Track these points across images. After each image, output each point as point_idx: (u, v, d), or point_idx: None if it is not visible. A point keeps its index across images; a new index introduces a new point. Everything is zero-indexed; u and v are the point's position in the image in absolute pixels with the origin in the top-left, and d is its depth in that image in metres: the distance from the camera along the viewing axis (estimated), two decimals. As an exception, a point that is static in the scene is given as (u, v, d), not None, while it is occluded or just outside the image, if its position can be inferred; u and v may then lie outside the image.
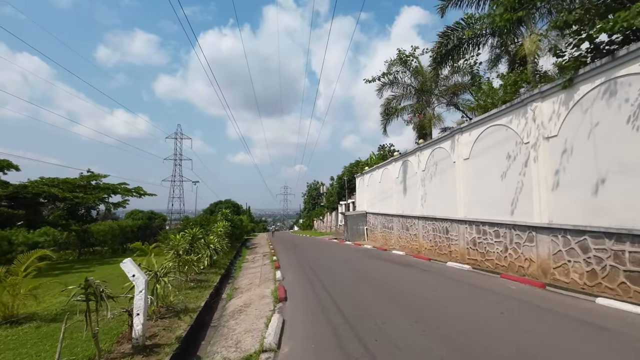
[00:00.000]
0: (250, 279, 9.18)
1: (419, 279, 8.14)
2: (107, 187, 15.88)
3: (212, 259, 11.69)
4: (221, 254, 14.09)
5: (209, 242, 11.81)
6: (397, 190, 18.73)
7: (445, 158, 12.95)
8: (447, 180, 12.77)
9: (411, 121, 17.42)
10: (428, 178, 14.62)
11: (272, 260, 12.56)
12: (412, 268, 10.02)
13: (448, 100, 14.87)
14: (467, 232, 11.25)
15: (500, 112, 9.53)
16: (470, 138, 11.22)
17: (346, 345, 4.10)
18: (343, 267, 10.50)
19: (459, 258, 11.69)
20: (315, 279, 8.30)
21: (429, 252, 14.13)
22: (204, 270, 10.97)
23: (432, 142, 14.11)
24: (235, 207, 62.09)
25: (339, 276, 8.76)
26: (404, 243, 17.21)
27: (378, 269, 10.19)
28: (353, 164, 39.98)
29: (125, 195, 17.18)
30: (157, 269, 5.98)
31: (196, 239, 10.41)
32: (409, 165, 17.09)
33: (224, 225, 17.80)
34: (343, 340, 4.25)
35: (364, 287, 7.18)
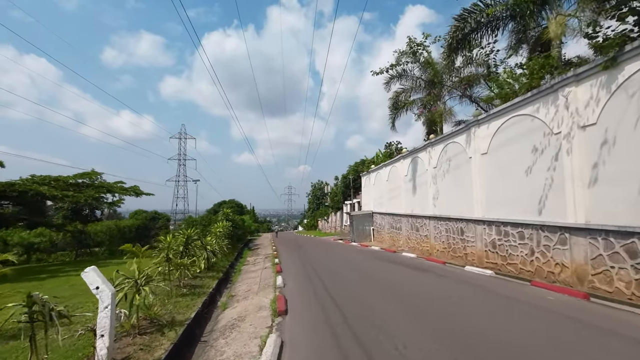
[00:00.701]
0: (248, 285, 8.36)
1: (440, 288, 7.14)
2: (101, 185, 15.25)
3: (209, 261, 10.92)
4: (220, 256, 13.32)
5: (206, 244, 11.03)
6: (405, 188, 17.82)
7: (460, 153, 12.02)
8: (462, 177, 11.84)
9: (422, 114, 16.48)
10: (440, 175, 13.69)
11: (274, 263, 11.76)
12: (428, 273, 9.10)
13: (462, 92, 13.92)
14: (485, 233, 10.32)
15: (525, 101, 8.60)
16: (488, 131, 10.29)
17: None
18: (350, 272, 9.63)
19: (475, 261, 10.76)
20: (321, 286, 7.45)
21: (441, 255, 13.21)
22: (200, 274, 10.19)
23: (445, 136, 13.18)
24: (239, 207, 61.58)
25: (346, 283, 7.87)
26: (414, 244, 16.29)
27: (390, 274, 9.29)
28: (358, 162, 39.07)
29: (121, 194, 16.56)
30: (139, 275, 5.18)
31: (191, 240, 9.63)
32: (418, 162, 16.16)
33: (224, 226, 17.04)
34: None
35: (377, 298, 6.25)
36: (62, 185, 13.53)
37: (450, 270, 9.61)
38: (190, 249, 9.40)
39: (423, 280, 8.11)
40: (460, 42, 10.56)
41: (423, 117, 18.12)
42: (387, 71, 14.77)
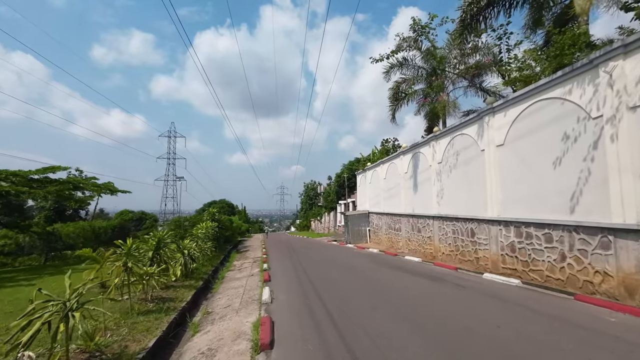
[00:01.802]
0: (229, 298, 6.99)
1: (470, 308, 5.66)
2: (68, 181, 13.60)
3: (187, 267, 9.49)
4: (202, 261, 11.89)
5: (184, 247, 9.60)
6: (405, 186, 16.62)
7: (470, 146, 10.84)
8: (473, 173, 10.66)
9: (424, 106, 15.33)
10: (446, 171, 12.51)
11: (262, 269, 10.38)
12: (443, 284, 7.77)
13: (469, 81, 12.78)
14: (501, 234, 9.14)
15: (553, 82, 7.42)
16: (505, 119, 9.11)
17: None
18: (352, 282, 8.27)
19: (489, 267, 9.58)
20: (317, 303, 6.09)
21: (447, 258, 12.01)
22: (175, 283, 8.78)
23: (452, 128, 12.00)
24: (230, 206, 59.84)
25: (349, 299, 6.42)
26: (415, 247, 15.09)
27: (399, 285, 7.96)
28: (353, 161, 37.89)
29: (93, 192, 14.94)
30: (69, 296, 3.79)
31: (163, 244, 8.21)
32: (420, 157, 14.97)
33: (209, 226, 15.59)
34: None
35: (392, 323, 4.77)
36: (22, 181, 11.95)
37: (466, 279, 8.31)
38: (162, 255, 7.98)
39: (442, 294, 6.75)
40: (475, 17, 9.37)
41: (424, 110, 16.98)
42: (387, 58, 13.54)
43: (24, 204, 45.93)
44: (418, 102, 16.51)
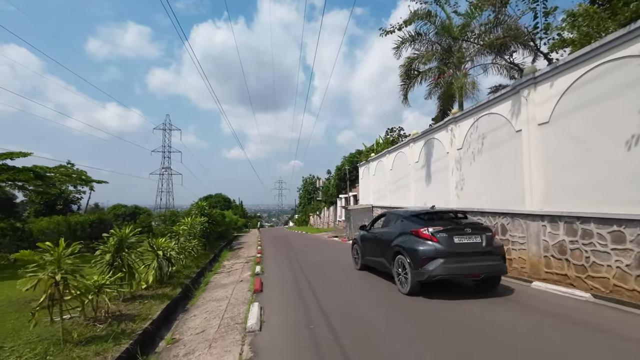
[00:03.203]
0: (207, 318, 5.31)
1: (535, 336, 3.88)
2: (28, 169, 11.80)
3: (162, 272, 7.83)
4: (185, 261, 10.22)
5: (159, 247, 7.93)
6: (416, 177, 14.98)
7: (501, 127, 9.17)
8: (504, 158, 9.01)
9: (437, 85, 13.63)
10: (468, 158, 10.84)
11: (254, 273, 8.69)
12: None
13: (496, 53, 11.04)
14: (544, 232, 7.50)
15: (629, 36, 5.73)
16: (552, 91, 7.42)
17: None
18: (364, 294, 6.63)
19: (527, 271, 7.96)
20: (324, 326, 4.41)
21: (469, 259, 10.40)
22: (145, 292, 7.13)
23: (476, 107, 10.30)
24: (226, 201, 58.07)
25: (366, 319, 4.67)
26: (428, 244, 13.48)
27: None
28: (354, 153, 36.15)
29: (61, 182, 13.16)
30: None
31: (128, 244, 6.52)
32: (435, 144, 13.30)
33: (196, 222, 13.91)
34: None
35: None
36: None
37: (511, 289, 6.54)
38: (125, 258, 6.29)
39: (490, 313, 4.99)
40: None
41: (436, 93, 15.26)
42: (399, 29, 11.76)
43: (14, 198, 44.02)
44: (431, 82, 14.78)
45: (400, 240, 6.59)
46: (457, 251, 5.89)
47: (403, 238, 6.56)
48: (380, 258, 7.49)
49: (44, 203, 42.98)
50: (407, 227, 6.61)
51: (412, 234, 6.32)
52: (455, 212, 7.21)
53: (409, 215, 7.05)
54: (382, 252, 7.39)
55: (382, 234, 7.67)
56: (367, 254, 8.45)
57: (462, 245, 5.95)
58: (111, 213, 38.38)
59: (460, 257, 5.88)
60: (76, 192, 44.53)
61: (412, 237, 6.29)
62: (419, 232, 6.19)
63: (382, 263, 7.36)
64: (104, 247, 6.37)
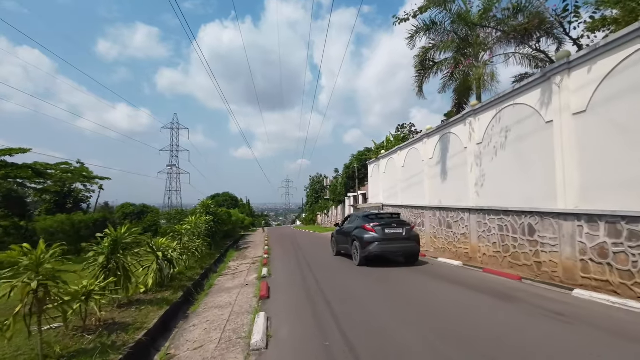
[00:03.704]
0: (207, 329, 4.73)
1: None
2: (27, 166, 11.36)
3: (163, 274, 7.32)
4: (189, 262, 9.73)
5: (159, 248, 7.43)
6: (430, 174, 14.24)
7: (528, 118, 8.42)
8: (532, 152, 8.28)
9: (452, 79, 12.89)
10: (489, 153, 10.11)
11: (261, 276, 8.11)
12: (519, 305, 5.26)
13: (519, 40, 10.25)
14: (581, 233, 6.77)
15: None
16: (590, 76, 6.67)
17: None
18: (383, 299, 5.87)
19: (559, 275, 7.23)
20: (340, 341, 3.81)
21: (490, 261, 9.69)
22: (144, 296, 6.64)
23: (499, 98, 9.56)
24: (233, 199, 57.96)
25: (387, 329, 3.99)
26: (443, 245, 12.77)
27: (449, 302, 5.61)
28: (363, 151, 35.42)
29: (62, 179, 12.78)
30: None
31: (123, 245, 6.02)
32: (451, 139, 12.56)
33: (202, 221, 13.44)
34: None
35: None
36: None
37: (553, 299, 5.67)
38: (119, 260, 5.77)
39: (536, 330, 4.22)
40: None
41: (451, 86, 14.50)
42: (414, 16, 11.05)
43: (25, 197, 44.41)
44: (445, 75, 14.03)
45: (355, 232, 9.72)
46: (387, 238, 9.04)
47: (357, 230, 9.70)
48: (346, 245, 10.48)
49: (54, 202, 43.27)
50: (360, 223, 9.76)
51: (362, 227, 9.51)
52: (391, 214, 10.76)
53: (362, 216, 10.34)
54: (346, 241, 10.44)
55: (347, 229, 10.59)
56: (339, 244, 11.42)
57: (390, 234, 9.13)
58: (120, 212, 38.42)
59: (389, 241, 9.05)
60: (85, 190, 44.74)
61: (362, 229, 9.47)
62: (365, 227, 9.41)
63: (347, 248, 10.34)
64: (97, 249, 5.87)
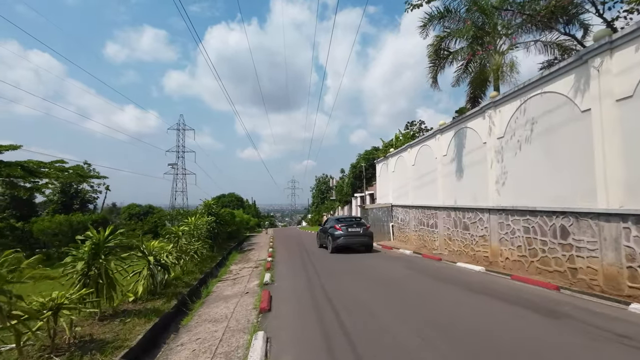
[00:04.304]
0: (195, 351, 3.91)
1: None
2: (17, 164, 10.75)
3: (155, 280, 6.65)
4: (188, 266, 9.05)
5: (151, 251, 6.76)
6: (444, 172, 13.39)
7: (559, 107, 7.57)
8: (565, 145, 7.42)
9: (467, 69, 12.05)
10: (512, 148, 9.26)
11: (262, 283, 7.37)
12: (570, 325, 4.41)
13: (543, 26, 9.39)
14: (628, 236, 5.91)
15: None
16: (639, 56, 5.81)
17: None
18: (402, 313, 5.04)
19: (600, 284, 6.37)
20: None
21: (514, 266, 8.82)
22: (132, 306, 5.97)
23: (524, 87, 8.71)
24: (239, 200, 57.50)
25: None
26: (460, 248, 11.91)
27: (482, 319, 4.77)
28: (370, 150, 34.60)
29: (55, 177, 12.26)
30: None
31: (107, 250, 5.35)
32: (467, 134, 11.72)
33: (202, 222, 12.78)
34: None
35: None
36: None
37: (611, 317, 4.68)
38: (101, 266, 5.10)
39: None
40: None
41: (469, 76, 13.64)
42: (428, 1, 10.25)
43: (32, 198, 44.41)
44: (459, 68, 13.18)
45: (330, 230, 13.62)
46: (349, 234, 12.76)
47: (331, 229, 13.54)
48: (324, 240, 14.52)
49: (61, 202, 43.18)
50: (332, 224, 13.69)
51: (334, 227, 13.29)
52: (354, 217, 15.82)
53: (334, 219, 14.49)
54: (325, 237, 14.50)
55: (326, 228, 14.72)
56: (320, 239, 15.67)
57: (351, 232, 12.81)
58: (126, 212, 38.23)
59: (351, 236, 12.76)
60: (92, 191, 44.51)
61: (334, 228, 13.27)
62: (335, 227, 13.17)
63: (325, 241, 14.33)
64: (77, 253, 5.20)
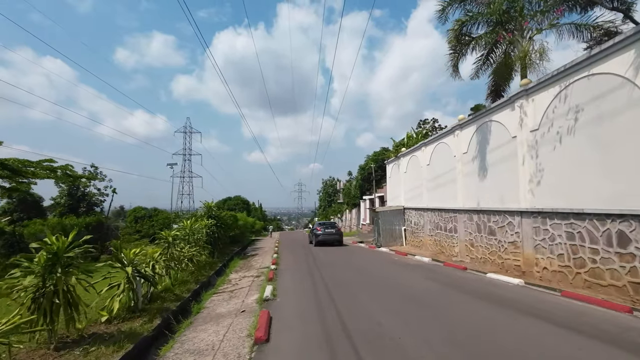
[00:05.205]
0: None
1: None
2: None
3: (137, 294, 5.65)
4: (178, 275, 8.03)
5: (131, 260, 5.76)
6: (465, 171, 12.21)
7: (614, 91, 6.38)
8: (623, 135, 6.22)
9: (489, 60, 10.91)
10: (549, 141, 8.06)
11: (262, 298, 6.27)
12: None
13: (583, 4, 8.23)
14: None
15: None
16: None
17: None
18: (443, 348, 4.06)
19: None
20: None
21: (554, 278, 7.59)
22: (105, 327, 4.95)
23: (566, 70, 7.52)
24: (245, 203, 56.68)
25: None
26: (484, 255, 10.68)
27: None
28: (379, 151, 33.39)
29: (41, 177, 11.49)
30: None
31: (66, 262, 4.34)
32: (492, 129, 10.54)
33: (203, 225, 11.80)
34: None
35: None
36: None
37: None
38: (58, 281, 4.09)
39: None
40: None
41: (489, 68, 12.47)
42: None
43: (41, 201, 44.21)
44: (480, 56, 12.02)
45: (313, 230, 20.74)
46: (326, 233, 19.25)
47: (314, 230, 20.33)
48: (312, 237, 20.50)
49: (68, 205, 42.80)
50: (316, 226, 21.01)
51: (317, 229, 19.99)
52: (330, 223, 23.30)
53: (318, 224, 21.94)
54: (312, 235, 20.66)
55: (313, 229, 21.56)
56: (310, 237, 21.58)
57: (327, 232, 19.38)
58: (131, 215, 37.67)
59: (327, 235, 19.17)
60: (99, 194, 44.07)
61: (316, 230, 19.90)
62: (317, 228, 20.05)
63: (312, 238, 20.32)
64: (31, 265, 4.20)
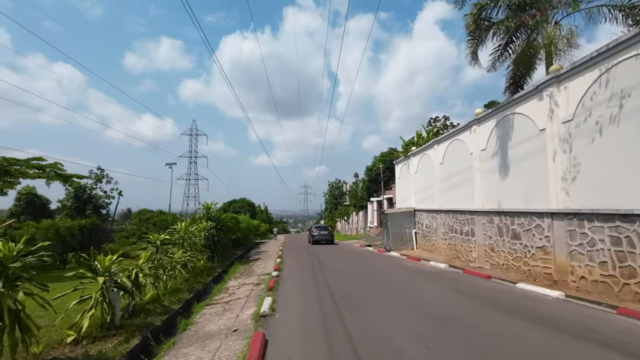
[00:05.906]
0: None
1: None
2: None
3: (113, 309, 4.86)
4: (167, 284, 7.24)
5: (107, 269, 4.97)
6: (483, 169, 11.24)
7: (672, 70, 5.43)
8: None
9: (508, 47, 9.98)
10: (586, 132, 7.10)
11: (259, 313, 5.38)
12: None
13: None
14: None
15: None
16: None
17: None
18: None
19: None
20: None
21: (594, 289, 6.60)
22: (70, 350, 4.18)
23: (608, 50, 6.57)
24: (250, 205, 56.08)
25: None
26: (507, 261, 9.69)
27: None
28: (386, 152, 32.47)
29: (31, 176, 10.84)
30: None
31: (15, 273, 3.56)
32: (515, 122, 9.59)
33: (202, 228, 11.03)
34: None
35: None
36: None
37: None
38: (2, 297, 3.31)
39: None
40: None
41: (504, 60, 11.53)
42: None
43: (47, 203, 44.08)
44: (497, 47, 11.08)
45: (310, 232, 27.35)
46: (320, 234, 25.05)
47: (310, 231, 27.50)
48: (309, 237, 25.97)
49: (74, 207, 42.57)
50: (312, 229, 26.82)
51: (312, 230, 26.43)
52: (324, 225, 29.69)
53: (313, 226, 29.68)
54: (309, 236, 26.28)
55: (310, 231, 28.37)
56: (308, 237, 26.41)
57: (321, 233, 25.23)
58: (137, 217, 37.30)
59: (320, 235, 24.91)
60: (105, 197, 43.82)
61: (313, 232, 25.79)
62: (313, 230, 26.05)
63: (309, 238, 25.79)
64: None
